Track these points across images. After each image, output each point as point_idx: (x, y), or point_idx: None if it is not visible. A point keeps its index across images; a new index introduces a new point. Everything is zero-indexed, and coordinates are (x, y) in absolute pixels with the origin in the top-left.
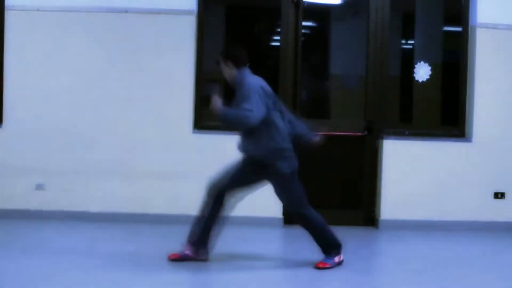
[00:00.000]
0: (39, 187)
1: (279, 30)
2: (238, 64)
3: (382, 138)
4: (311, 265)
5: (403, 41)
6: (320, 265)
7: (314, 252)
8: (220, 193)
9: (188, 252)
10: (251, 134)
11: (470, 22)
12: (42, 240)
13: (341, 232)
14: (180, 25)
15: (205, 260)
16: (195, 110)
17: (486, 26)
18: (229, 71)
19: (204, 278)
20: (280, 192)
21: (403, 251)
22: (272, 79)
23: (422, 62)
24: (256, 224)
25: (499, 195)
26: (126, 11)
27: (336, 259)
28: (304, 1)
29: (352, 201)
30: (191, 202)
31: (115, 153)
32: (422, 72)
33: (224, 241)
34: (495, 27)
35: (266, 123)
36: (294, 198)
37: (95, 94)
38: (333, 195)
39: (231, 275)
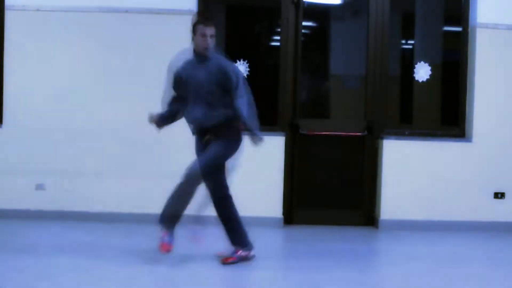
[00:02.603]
0: (39, 187)
1: (279, 30)
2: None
3: (382, 138)
4: (311, 265)
5: (403, 41)
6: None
7: (314, 253)
8: None
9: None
10: None
11: (470, 22)
12: (42, 240)
13: (341, 232)
14: (180, 25)
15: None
16: None
17: (486, 26)
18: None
19: (203, 277)
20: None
21: (403, 251)
22: (272, 79)
23: (422, 62)
24: (256, 224)
25: (499, 195)
26: (126, 11)
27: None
28: (304, 1)
29: (352, 201)
30: (191, 202)
31: (115, 153)
32: (422, 72)
33: (224, 240)
34: (495, 27)
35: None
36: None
37: (95, 94)
38: (333, 195)
39: (230, 275)
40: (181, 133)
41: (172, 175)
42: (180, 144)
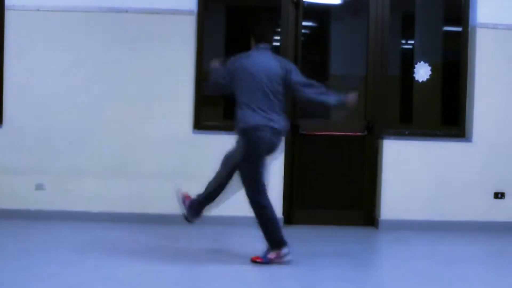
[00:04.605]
0: (39, 187)
1: (279, 30)
2: (256, 40)
3: (382, 138)
4: (311, 265)
5: (403, 41)
6: (254, 258)
7: (314, 253)
8: (231, 166)
9: (187, 201)
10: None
11: (470, 22)
12: (41, 240)
13: (341, 232)
14: (180, 25)
15: (189, 221)
16: (195, 110)
17: (486, 26)
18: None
19: (203, 277)
20: (240, 167)
21: (403, 252)
22: None
23: (422, 62)
24: (256, 224)
25: (499, 195)
26: (126, 11)
27: (272, 256)
28: (304, 1)
29: (352, 201)
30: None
31: (115, 153)
32: (422, 72)
33: (224, 240)
34: (495, 27)
35: (239, 100)
36: (249, 178)
37: (95, 94)
38: (333, 195)
39: (230, 275)
40: (181, 133)
41: (172, 175)
42: (180, 144)
